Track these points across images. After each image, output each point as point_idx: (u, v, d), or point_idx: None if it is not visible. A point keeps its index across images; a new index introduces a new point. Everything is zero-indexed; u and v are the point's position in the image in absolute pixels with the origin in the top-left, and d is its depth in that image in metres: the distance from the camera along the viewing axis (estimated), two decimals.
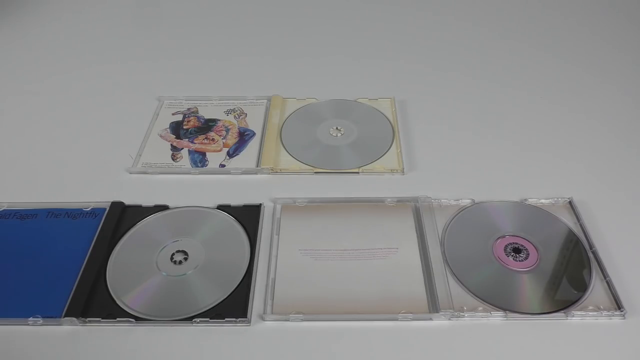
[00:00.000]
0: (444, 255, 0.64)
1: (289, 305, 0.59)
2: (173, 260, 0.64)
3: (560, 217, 0.69)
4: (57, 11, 1.15)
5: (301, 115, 0.86)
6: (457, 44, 1.04)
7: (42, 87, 0.94)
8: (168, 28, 1.11)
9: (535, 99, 0.89)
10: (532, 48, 1.02)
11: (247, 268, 0.63)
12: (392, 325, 0.58)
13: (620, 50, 1.01)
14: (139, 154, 0.79)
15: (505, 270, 0.63)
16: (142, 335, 0.58)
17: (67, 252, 0.65)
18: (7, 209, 0.70)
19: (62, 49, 1.04)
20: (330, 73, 0.97)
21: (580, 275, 0.62)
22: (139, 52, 1.03)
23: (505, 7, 1.14)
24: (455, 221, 0.68)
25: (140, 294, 0.61)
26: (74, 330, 0.58)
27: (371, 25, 1.10)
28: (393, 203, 0.71)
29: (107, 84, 0.94)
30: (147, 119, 0.85)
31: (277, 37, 1.07)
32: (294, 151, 0.79)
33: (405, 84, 0.93)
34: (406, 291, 0.61)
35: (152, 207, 0.70)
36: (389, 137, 0.81)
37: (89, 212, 0.70)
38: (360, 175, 0.76)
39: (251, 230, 0.67)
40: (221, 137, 0.82)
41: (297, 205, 0.71)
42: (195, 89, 0.91)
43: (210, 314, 0.58)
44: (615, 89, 0.91)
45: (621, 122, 0.84)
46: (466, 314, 0.58)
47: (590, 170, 0.76)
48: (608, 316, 0.58)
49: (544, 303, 0.59)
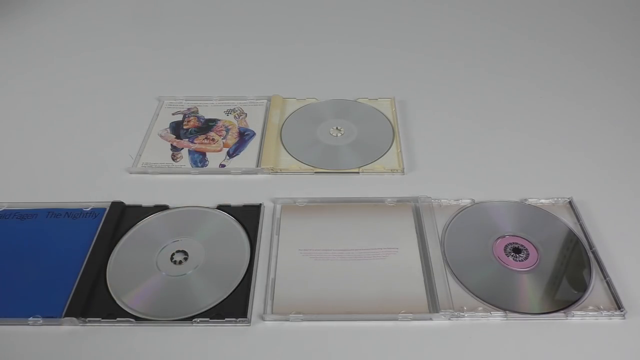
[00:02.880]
0: (444, 255, 0.64)
1: (289, 305, 0.59)
2: (173, 260, 0.64)
3: (560, 217, 0.69)
4: (57, 11, 1.15)
5: (301, 115, 0.86)
6: (457, 44, 1.04)
7: (42, 87, 0.94)
8: (168, 28, 1.11)
9: (535, 98, 0.89)
10: (532, 48, 1.02)
11: (247, 268, 0.63)
12: (392, 325, 0.58)
13: (621, 49, 1.01)
14: (139, 154, 0.79)
15: (505, 270, 0.63)
16: (142, 335, 0.58)
17: (67, 252, 0.65)
18: (7, 209, 0.70)
19: (62, 49, 1.04)
20: (330, 73, 0.97)
21: (580, 275, 0.62)
22: (139, 52, 1.03)
23: (506, 7, 1.14)
24: (455, 221, 0.68)
25: (140, 294, 0.61)
26: (74, 330, 0.58)
27: (371, 25, 1.10)
28: (393, 203, 0.71)
29: (107, 83, 0.94)
30: (147, 119, 0.85)
31: (277, 37, 1.07)
32: (294, 151, 0.79)
33: (405, 84, 0.93)
34: (406, 291, 0.61)
35: (152, 207, 0.70)
36: (389, 137, 0.81)
37: (89, 212, 0.69)
38: (360, 175, 0.76)
39: (251, 230, 0.67)
40: (221, 137, 0.82)
41: (297, 205, 0.71)
42: (195, 89, 0.91)
43: (210, 314, 0.58)
44: (616, 88, 0.91)
45: (621, 122, 0.84)
46: (466, 314, 0.58)
47: (590, 170, 0.76)
48: (608, 316, 0.58)
49: (544, 303, 0.59)
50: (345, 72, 0.97)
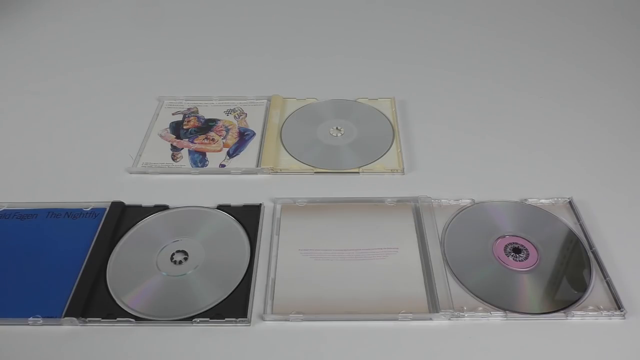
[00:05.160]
0: (444, 255, 0.64)
1: (289, 305, 0.59)
2: (173, 260, 0.64)
3: (560, 217, 0.69)
4: (56, 11, 1.15)
5: (301, 115, 0.86)
6: (457, 44, 1.04)
7: (42, 87, 0.94)
8: (168, 28, 1.11)
9: (535, 98, 0.89)
10: (532, 48, 1.02)
11: (247, 268, 0.63)
12: (392, 325, 0.58)
13: (621, 50, 1.01)
14: (139, 154, 0.79)
15: (505, 270, 0.63)
16: (142, 335, 0.58)
17: (67, 252, 0.65)
18: (7, 209, 0.70)
19: (62, 49, 1.04)
20: (330, 73, 0.97)
21: (580, 275, 0.62)
22: (139, 52, 1.03)
23: (505, 7, 1.14)
24: (455, 221, 0.68)
25: (140, 294, 0.61)
26: (74, 330, 0.58)
27: (371, 25, 1.10)
28: (393, 203, 0.71)
29: (107, 84, 0.94)
30: (147, 119, 0.85)
31: (277, 37, 1.07)
32: (294, 151, 0.79)
33: (405, 84, 0.93)
34: (406, 291, 0.61)
35: (152, 207, 0.70)
36: (389, 137, 0.81)
37: (89, 212, 0.70)
38: (360, 175, 0.76)
39: (251, 230, 0.67)
40: (221, 137, 0.82)
41: (297, 205, 0.71)
42: (195, 89, 0.91)
43: (210, 314, 0.58)
44: (616, 88, 0.91)
45: (621, 122, 0.84)
46: (466, 314, 0.58)
47: (590, 170, 0.76)
48: (608, 316, 0.58)
49: (544, 303, 0.59)
50: (345, 72, 0.97)
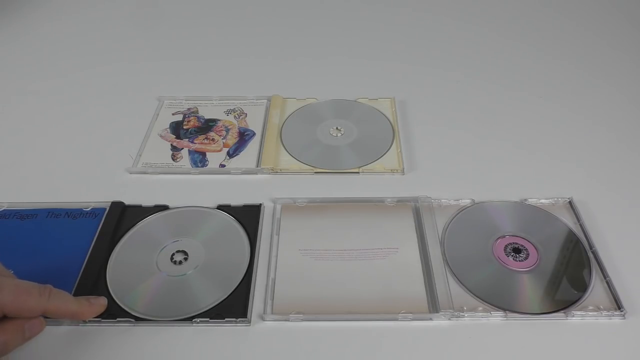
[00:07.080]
0: (444, 255, 0.64)
1: (289, 305, 0.59)
2: (173, 260, 0.64)
3: (560, 217, 0.69)
4: (56, 11, 1.15)
5: (301, 115, 0.86)
6: (457, 44, 1.04)
7: (42, 87, 0.94)
8: (168, 28, 1.11)
9: (535, 99, 0.89)
10: (532, 48, 1.02)
11: (247, 268, 0.63)
12: (392, 325, 0.58)
13: (621, 50, 1.01)
14: (139, 154, 0.79)
15: (505, 270, 0.63)
16: (142, 335, 0.58)
17: (67, 252, 0.65)
18: (7, 209, 0.70)
19: (62, 49, 1.04)
20: (330, 73, 0.97)
21: (580, 275, 0.62)
22: (139, 52, 1.03)
23: (505, 8, 1.14)
24: (455, 221, 0.68)
25: (141, 294, 0.61)
26: (74, 330, 0.58)
27: (371, 25, 1.10)
28: (393, 203, 0.71)
29: (107, 84, 0.94)
30: (147, 119, 0.85)
31: (277, 37, 1.07)
32: (294, 151, 0.79)
33: (405, 84, 0.93)
34: (406, 291, 0.61)
35: (152, 207, 0.70)
36: (389, 137, 0.81)
37: (89, 212, 0.70)
38: (360, 175, 0.76)
39: (251, 230, 0.67)
40: (221, 137, 0.82)
41: (297, 205, 0.71)
42: (195, 89, 0.91)
43: (210, 314, 0.58)
44: (615, 89, 0.91)
45: (621, 122, 0.84)
46: (466, 314, 0.58)
47: (590, 170, 0.76)
48: (608, 316, 0.58)
49: (544, 303, 0.59)
50: (345, 72, 0.97)
